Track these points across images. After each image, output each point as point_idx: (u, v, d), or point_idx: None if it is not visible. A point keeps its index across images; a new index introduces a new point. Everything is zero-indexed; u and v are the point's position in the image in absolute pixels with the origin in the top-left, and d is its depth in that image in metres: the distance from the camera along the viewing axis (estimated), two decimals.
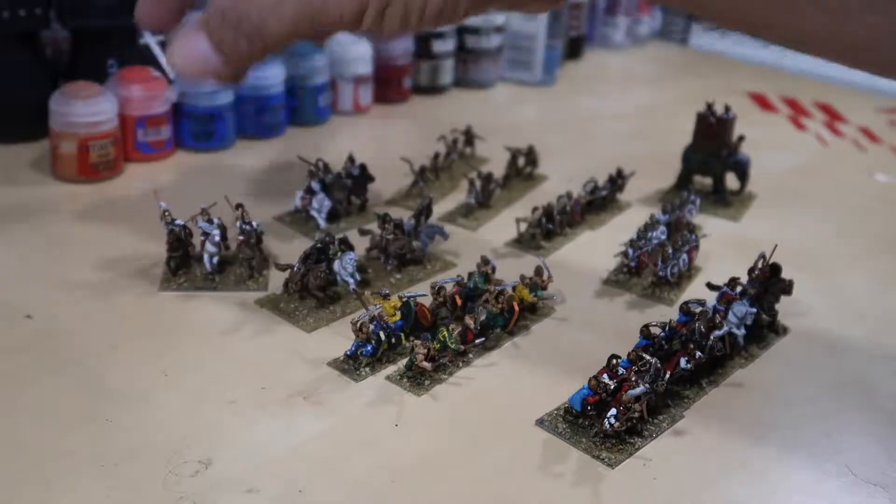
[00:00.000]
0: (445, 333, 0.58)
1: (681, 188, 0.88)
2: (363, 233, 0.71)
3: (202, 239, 0.67)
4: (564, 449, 0.53)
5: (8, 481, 0.48)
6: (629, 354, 0.56)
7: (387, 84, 1.10)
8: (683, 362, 0.56)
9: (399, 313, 0.60)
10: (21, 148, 0.89)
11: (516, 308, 0.63)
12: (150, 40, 0.94)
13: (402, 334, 0.60)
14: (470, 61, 1.19)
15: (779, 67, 1.41)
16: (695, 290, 0.70)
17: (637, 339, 0.59)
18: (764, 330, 0.65)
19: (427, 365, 0.56)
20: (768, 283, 0.64)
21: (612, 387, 0.53)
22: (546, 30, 1.21)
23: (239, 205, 0.69)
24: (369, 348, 0.58)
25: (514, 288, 0.64)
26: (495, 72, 1.22)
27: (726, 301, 0.63)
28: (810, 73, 1.36)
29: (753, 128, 0.98)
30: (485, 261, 0.67)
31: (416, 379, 0.58)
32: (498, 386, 0.58)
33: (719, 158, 0.86)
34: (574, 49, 1.36)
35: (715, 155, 0.86)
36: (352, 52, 1.04)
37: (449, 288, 0.63)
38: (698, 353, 0.57)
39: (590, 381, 0.54)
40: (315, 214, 0.76)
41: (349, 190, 0.80)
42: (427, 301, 0.63)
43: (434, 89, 1.17)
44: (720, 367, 0.60)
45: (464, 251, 0.74)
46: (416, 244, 0.71)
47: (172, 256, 0.67)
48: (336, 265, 0.66)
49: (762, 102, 1.23)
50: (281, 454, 0.51)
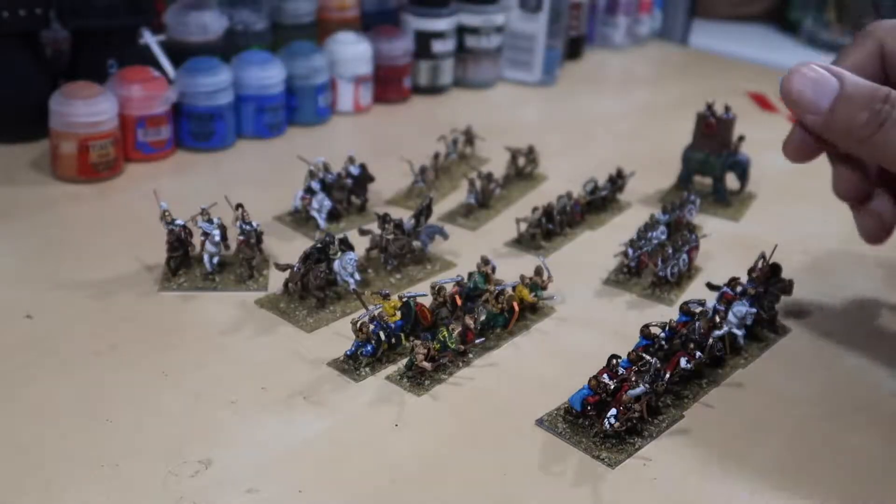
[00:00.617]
0: (445, 333, 0.58)
1: (681, 188, 0.88)
2: (363, 233, 0.71)
3: (202, 239, 0.67)
4: (564, 449, 0.53)
5: (8, 481, 0.48)
6: (629, 354, 0.56)
7: (387, 84, 1.10)
8: (683, 362, 0.56)
9: (399, 313, 0.60)
10: (21, 148, 0.89)
11: (516, 308, 0.63)
12: (150, 40, 0.94)
13: (402, 334, 0.60)
14: (470, 61, 1.19)
15: (779, 67, 1.41)
16: (695, 290, 0.70)
17: (637, 339, 0.59)
18: (764, 330, 0.65)
19: (427, 365, 0.56)
20: (768, 283, 0.64)
21: (612, 387, 0.53)
22: (546, 30, 1.21)
23: (239, 205, 0.69)
24: (369, 348, 0.58)
25: (514, 288, 0.64)
26: (495, 72, 1.22)
27: (726, 301, 0.63)
28: None
29: (753, 128, 0.98)
30: (485, 261, 0.67)
31: (416, 379, 0.58)
32: (498, 386, 0.58)
33: (719, 158, 0.86)
34: (574, 49, 1.36)
35: (715, 155, 0.86)
36: (352, 52, 1.04)
37: (449, 288, 0.63)
38: (698, 353, 0.57)
39: (590, 381, 0.54)
40: (315, 214, 0.76)
41: (349, 190, 0.80)
42: (427, 301, 0.63)
43: (434, 89, 1.17)
44: (720, 367, 0.61)
45: (464, 251, 0.74)
46: (416, 244, 0.72)
47: (172, 256, 0.67)
48: (336, 265, 0.66)
49: (762, 102, 1.23)
50: (281, 454, 0.51)
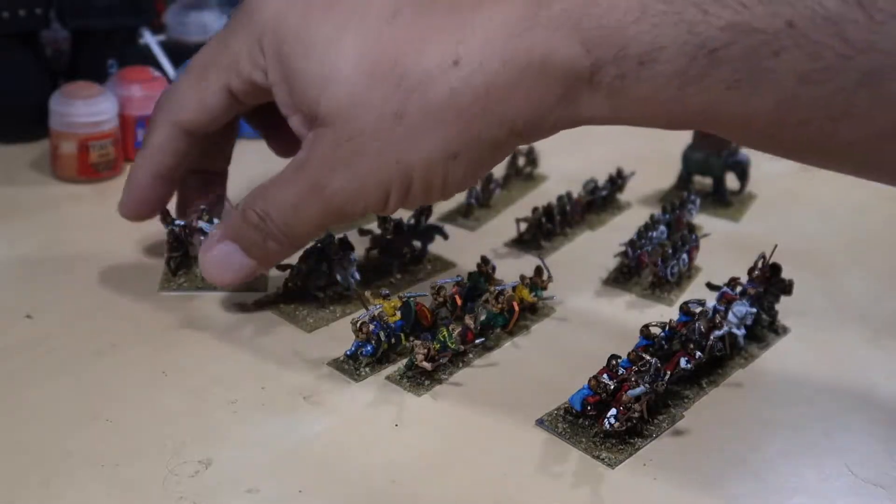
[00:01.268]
0: (445, 333, 0.58)
1: (681, 188, 0.88)
2: (363, 232, 0.71)
3: (201, 239, 0.67)
4: (564, 449, 0.53)
5: (8, 481, 0.48)
6: (629, 354, 0.56)
7: None
8: (683, 362, 0.56)
9: (399, 313, 0.60)
10: (21, 148, 0.89)
11: (516, 308, 0.63)
12: (150, 40, 0.94)
13: (402, 334, 0.60)
14: None
15: None
16: (695, 290, 0.70)
17: (637, 339, 0.59)
18: (764, 330, 0.65)
19: (427, 365, 0.56)
20: (768, 283, 0.64)
21: (612, 387, 0.53)
22: None
23: (238, 205, 0.68)
24: (369, 348, 0.58)
25: (514, 288, 0.64)
26: None
27: (726, 301, 0.62)
28: None
29: None
30: (485, 261, 0.67)
31: (416, 379, 0.58)
32: (498, 386, 0.58)
33: (719, 158, 0.86)
34: None
35: (715, 155, 0.86)
36: None
37: (449, 288, 0.63)
38: (698, 353, 0.57)
39: (590, 381, 0.54)
40: None
41: None
42: (427, 301, 0.63)
43: None
44: (720, 367, 0.60)
45: (464, 251, 0.74)
46: (416, 244, 0.72)
47: (172, 256, 0.67)
48: (336, 265, 0.66)
49: None
50: (281, 454, 0.51)
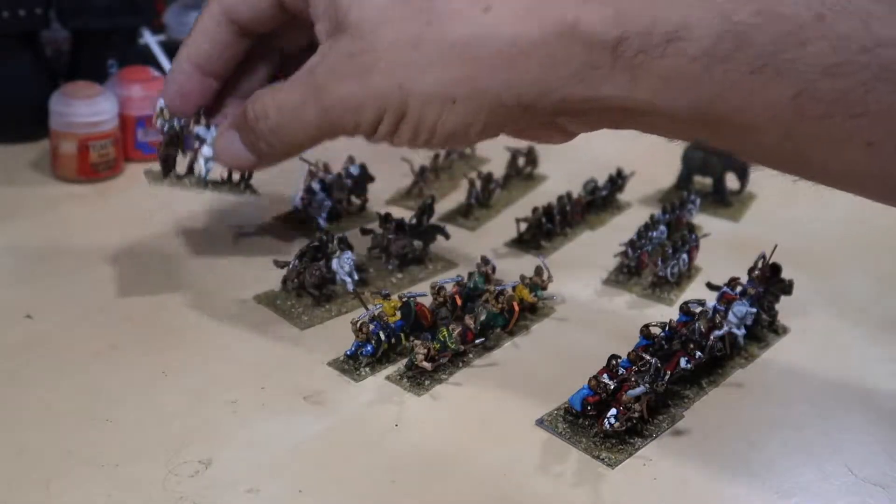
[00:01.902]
0: (445, 333, 0.58)
1: (681, 188, 0.88)
2: (365, 232, 0.71)
3: (196, 145, 0.63)
4: (564, 449, 0.53)
5: (8, 481, 0.48)
6: (629, 354, 0.56)
7: None
8: (683, 362, 0.56)
9: (399, 313, 0.60)
10: (21, 148, 0.89)
11: (516, 308, 0.63)
12: (150, 40, 0.94)
13: (402, 334, 0.60)
14: None
15: None
16: (695, 290, 0.70)
17: (637, 339, 0.59)
18: (764, 330, 0.65)
19: (427, 365, 0.56)
20: (768, 283, 0.64)
21: (612, 387, 0.53)
22: None
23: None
24: (369, 348, 0.58)
25: (514, 288, 0.64)
26: None
27: (726, 301, 0.63)
28: None
29: None
30: (485, 261, 0.67)
31: (416, 379, 0.58)
32: (498, 386, 0.58)
33: (719, 158, 0.86)
34: None
35: (715, 155, 0.86)
36: None
37: (449, 288, 0.63)
38: (698, 353, 0.57)
39: (590, 381, 0.54)
40: (315, 214, 0.76)
41: (349, 190, 0.80)
42: (427, 301, 0.63)
43: None
44: (720, 367, 0.60)
45: (464, 251, 0.74)
46: (417, 244, 0.72)
47: (168, 154, 0.64)
48: (334, 264, 0.66)
49: None
50: (281, 454, 0.51)
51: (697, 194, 0.82)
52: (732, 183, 0.89)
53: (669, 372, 0.55)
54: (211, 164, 0.63)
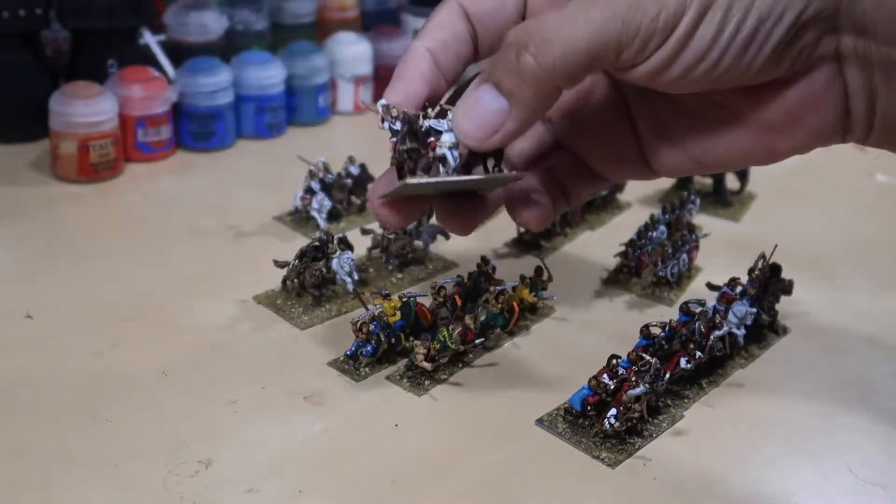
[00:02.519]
0: (445, 333, 0.58)
1: (681, 188, 0.88)
2: (365, 232, 0.71)
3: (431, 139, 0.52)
4: (564, 449, 0.53)
5: (8, 481, 0.48)
6: (629, 354, 0.56)
7: (387, 84, 1.10)
8: (683, 362, 0.56)
9: (399, 313, 0.60)
10: (21, 148, 0.89)
11: (516, 308, 0.63)
12: (150, 40, 0.94)
13: (402, 334, 0.60)
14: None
15: None
16: (695, 290, 0.70)
17: (637, 339, 0.59)
18: (764, 330, 0.65)
19: (427, 365, 0.56)
20: (768, 283, 0.64)
21: (612, 387, 0.53)
22: None
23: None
24: (369, 348, 0.58)
25: (514, 288, 0.64)
26: None
27: (726, 301, 0.62)
28: None
29: None
30: (485, 261, 0.67)
31: (416, 379, 0.58)
32: (498, 386, 0.58)
33: None
34: None
35: None
36: (352, 52, 1.04)
37: (449, 288, 0.63)
38: (698, 353, 0.57)
39: (590, 381, 0.54)
40: (315, 214, 0.76)
41: (349, 190, 0.80)
42: (427, 301, 0.63)
43: None
44: (720, 367, 0.60)
45: (464, 251, 0.74)
46: (418, 244, 0.72)
47: (411, 150, 0.50)
48: (334, 264, 0.66)
49: None
50: (281, 454, 0.51)
51: (697, 194, 0.82)
52: (732, 183, 0.88)
53: (669, 372, 0.55)
54: (456, 152, 0.52)
